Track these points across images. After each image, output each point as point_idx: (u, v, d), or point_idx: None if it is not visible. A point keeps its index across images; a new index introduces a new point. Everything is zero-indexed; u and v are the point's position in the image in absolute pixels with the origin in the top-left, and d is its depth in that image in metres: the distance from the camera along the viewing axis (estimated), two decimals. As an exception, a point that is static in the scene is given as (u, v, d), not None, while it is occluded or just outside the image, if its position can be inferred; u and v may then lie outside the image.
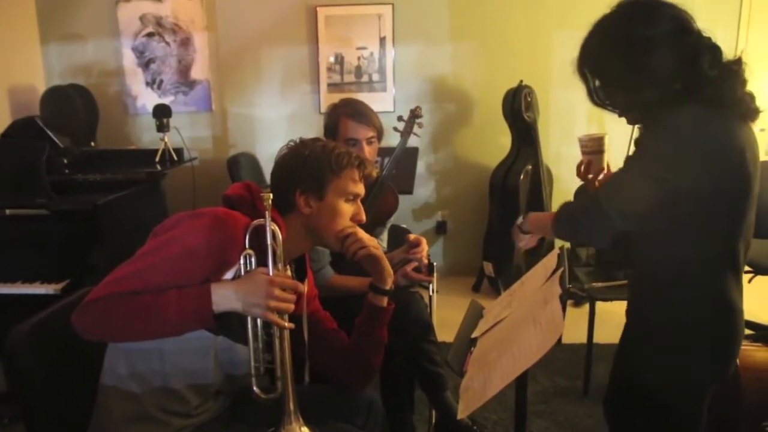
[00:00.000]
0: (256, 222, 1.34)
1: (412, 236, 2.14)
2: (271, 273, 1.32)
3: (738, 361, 2.17)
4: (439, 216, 4.61)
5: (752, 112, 1.43)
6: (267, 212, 1.32)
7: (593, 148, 1.68)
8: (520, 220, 1.76)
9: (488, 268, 4.18)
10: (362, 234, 1.55)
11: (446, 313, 2.76)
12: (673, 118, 1.36)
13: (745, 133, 1.40)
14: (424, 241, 2.12)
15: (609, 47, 1.44)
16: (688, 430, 1.56)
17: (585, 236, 1.55)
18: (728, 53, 1.45)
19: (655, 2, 1.42)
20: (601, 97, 1.51)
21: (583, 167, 1.73)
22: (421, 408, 2.50)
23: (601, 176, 1.71)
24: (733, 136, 1.37)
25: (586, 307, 2.88)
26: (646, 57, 1.39)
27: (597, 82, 1.50)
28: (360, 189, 1.54)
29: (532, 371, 1.28)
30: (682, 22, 1.40)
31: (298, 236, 1.49)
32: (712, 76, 1.38)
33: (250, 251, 1.34)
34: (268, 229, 1.32)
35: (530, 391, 2.83)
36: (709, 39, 1.42)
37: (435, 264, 2.19)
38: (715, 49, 1.41)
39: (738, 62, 1.43)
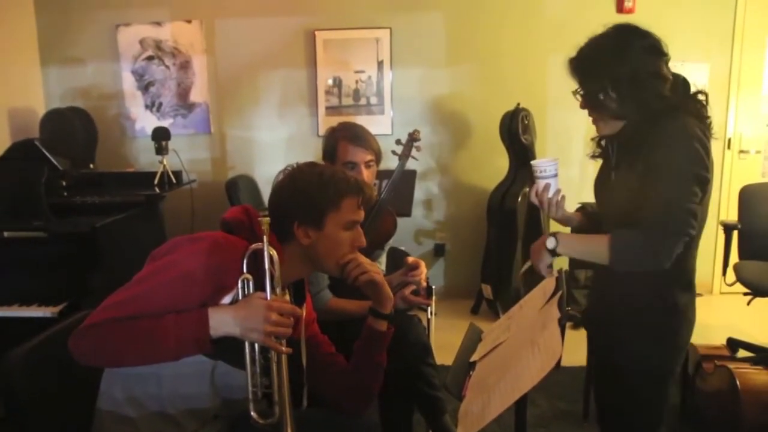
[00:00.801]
0: (253, 246, 1.34)
1: (410, 259, 2.14)
2: (268, 297, 1.32)
3: (738, 383, 2.18)
4: (438, 238, 4.61)
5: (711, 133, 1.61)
6: (264, 237, 1.33)
7: (551, 171, 1.70)
8: (551, 243, 1.61)
9: (487, 290, 4.17)
10: (362, 259, 1.55)
11: (445, 336, 2.74)
12: (679, 124, 1.52)
13: None
14: (422, 264, 2.12)
15: (612, 57, 1.57)
16: (656, 408, 1.70)
17: (655, 258, 1.49)
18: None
19: (645, 30, 1.60)
20: (597, 101, 1.62)
21: (541, 191, 1.73)
22: (419, 432, 2.48)
23: (559, 197, 1.73)
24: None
25: (585, 329, 2.87)
26: (645, 69, 1.55)
27: (595, 87, 1.61)
28: (360, 216, 1.53)
29: (531, 394, 1.28)
30: (664, 50, 1.60)
31: (296, 263, 1.49)
32: (688, 98, 1.62)
33: (248, 276, 1.34)
34: (265, 253, 1.32)
35: (530, 415, 2.80)
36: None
37: (434, 287, 2.18)
38: (686, 80, 1.66)
39: (704, 93, 1.65)
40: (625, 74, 1.56)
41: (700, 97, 1.64)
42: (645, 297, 1.66)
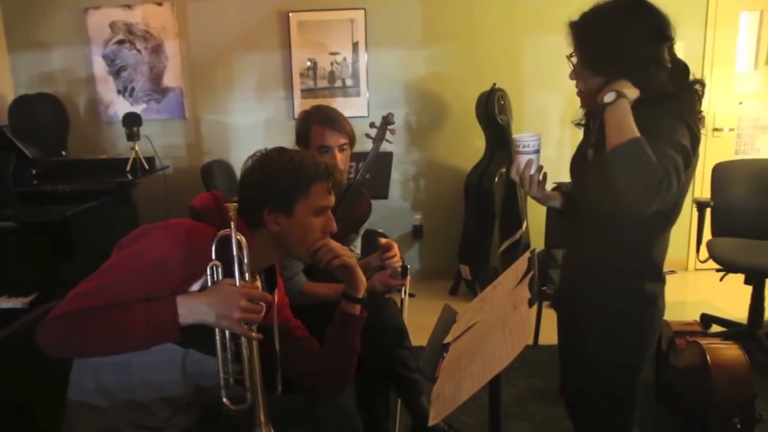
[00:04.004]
0: (222, 232, 1.33)
1: (383, 240, 2.12)
2: (237, 284, 1.31)
3: (708, 358, 2.21)
4: (415, 220, 4.62)
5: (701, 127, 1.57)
6: (232, 223, 1.31)
7: (533, 147, 1.63)
8: (610, 97, 1.44)
9: (465, 271, 4.19)
10: (333, 244, 1.54)
11: (424, 318, 2.74)
12: (670, 115, 1.48)
13: None
14: (395, 245, 2.11)
15: (610, 34, 1.49)
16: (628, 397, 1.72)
17: (642, 180, 1.36)
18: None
19: (653, 7, 1.52)
20: (588, 72, 1.56)
21: (523, 167, 1.64)
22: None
23: (540, 175, 1.66)
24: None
25: (562, 308, 2.89)
26: (643, 54, 1.49)
27: (589, 59, 1.54)
28: (330, 201, 1.51)
29: (508, 374, 1.29)
30: (669, 35, 1.52)
31: (267, 250, 1.48)
32: (684, 88, 1.55)
33: (217, 262, 1.33)
34: (233, 239, 1.32)
35: (507, 394, 2.85)
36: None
37: (409, 267, 2.18)
38: (687, 67, 1.58)
39: (702, 83, 1.58)
40: (620, 55, 1.47)
41: (697, 87, 1.56)
42: (614, 288, 1.65)
